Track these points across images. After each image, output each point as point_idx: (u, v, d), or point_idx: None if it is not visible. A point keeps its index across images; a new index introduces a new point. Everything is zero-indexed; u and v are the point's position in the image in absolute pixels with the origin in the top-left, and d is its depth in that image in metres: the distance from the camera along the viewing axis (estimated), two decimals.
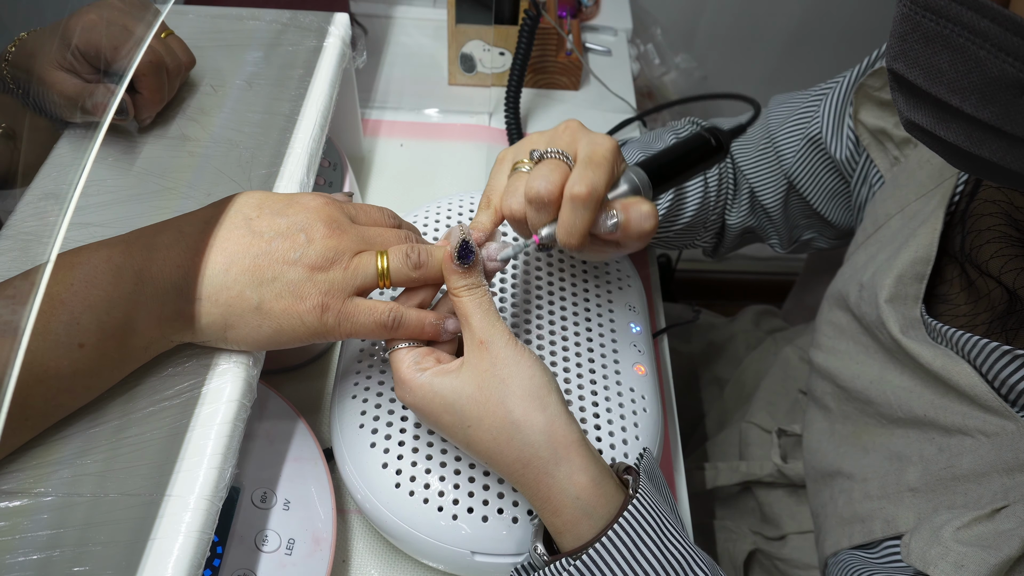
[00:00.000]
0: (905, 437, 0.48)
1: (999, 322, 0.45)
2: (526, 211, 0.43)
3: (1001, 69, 0.30)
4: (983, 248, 0.47)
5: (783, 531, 0.69)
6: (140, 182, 0.50)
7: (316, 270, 0.39)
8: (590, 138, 0.44)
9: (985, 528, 0.39)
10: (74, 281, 0.35)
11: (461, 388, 0.39)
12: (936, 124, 0.35)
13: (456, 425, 0.39)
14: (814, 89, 0.64)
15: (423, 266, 0.42)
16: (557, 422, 0.38)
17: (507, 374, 0.38)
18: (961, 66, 0.32)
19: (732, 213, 0.68)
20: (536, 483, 0.38)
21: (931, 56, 0.33)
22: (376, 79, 0.89)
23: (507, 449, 0.38)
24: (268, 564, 0.45)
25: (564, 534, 0.38)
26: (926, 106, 0.35)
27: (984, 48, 0.30)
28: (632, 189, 0.45)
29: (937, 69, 0.33)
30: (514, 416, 0.38)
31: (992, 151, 0.34)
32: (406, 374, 0.40)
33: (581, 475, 0.37)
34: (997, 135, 0.33)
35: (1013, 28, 0.29)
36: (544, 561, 0.39)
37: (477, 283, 0.40)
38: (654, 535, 0.37)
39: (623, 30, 0.97)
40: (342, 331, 0.40)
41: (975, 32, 0.30)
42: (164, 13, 0.47)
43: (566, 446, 0.38)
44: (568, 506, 0.37)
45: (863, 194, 0.61)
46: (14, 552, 0.34)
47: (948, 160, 0.38)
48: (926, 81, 0.33)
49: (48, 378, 0.35)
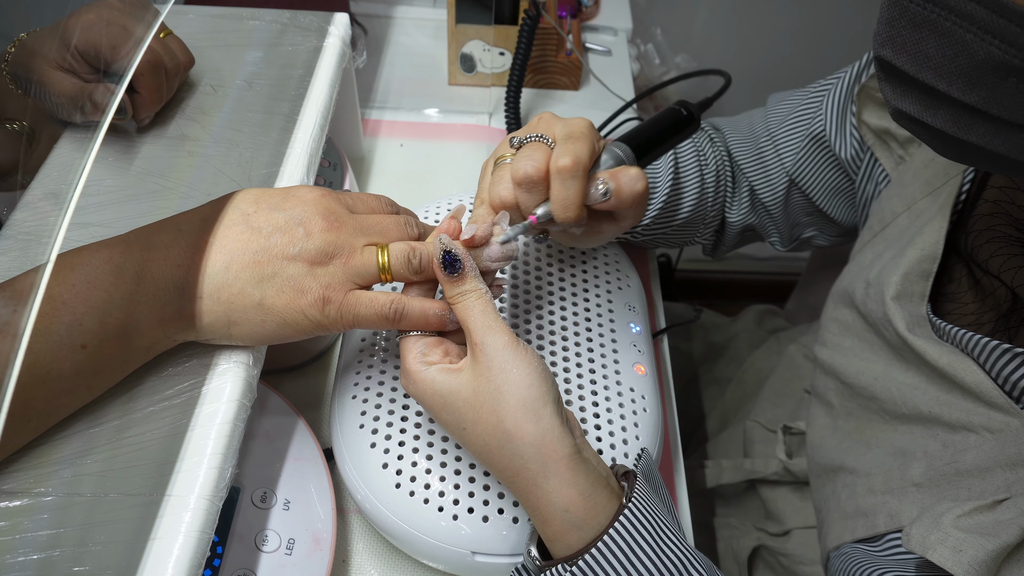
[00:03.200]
0: (909, 433, 0.48)
1: (1003, 321, 0.46)
2: (516, 196, 0.44)
3: (987, 51, 0.31)
4: (984, 247, 0.47)
5: (787, 527, 0.69)
6: (140, 182, 0.50)
7: (316, 264, 0.39)
8: (565, 121, 0.45)
9: (985, 517, 0.39)
10: (76, 282, 0.35)
11: (459, 390, 0.39)
12: (923, 111, 0.36)
13: (452, 424, 0.39)
14: (813, 86, 0.64)
15: (424, 271, 0.42)
16: (549, 435, 0.37)
17: (502, 381, 0.38)
18: (948, 50, 0.33)
19: (732, 211, 0.69)
20: (526, 492, 0.38)
21: (918, 41, 0.33)
22: (376, 79, 0.89)
23: (497, 456, 0.38)
24: (268, 564, 0.45)
25: (554, 543, 0.38)
26: (914, 93, 0.36)
27: (970, 31, 0.31)
28: (617, 162, 0.46)
29: (924, 54, 0.34)
30: (505, 426, 0.37)
31: (979, 135, 0.35)
32: (411, 365, 0.40)
33: (570, 489, 0.37)
34: (984, 119, 0.34)
35: (998, 9, 0.30)
36: (537, 566, 0.39)
37: (472, 288, 0.40)
38: (650, 539, 0.37)
39: (623, 30, 0.97)
40: (344, 323, 0.40)
41: (961, 15, 0.31)
42: (164, 14, 0.47)
43: (556, 460, 0.37)
44: (557, 518, 0.37)
45: (868, 191, 0.61)
46: (14, 552, 0.34)
47: (935, 148, 0.39)
48: (913, 66, 0.34)
49: (50, 379, 0.35)
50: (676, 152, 0.64)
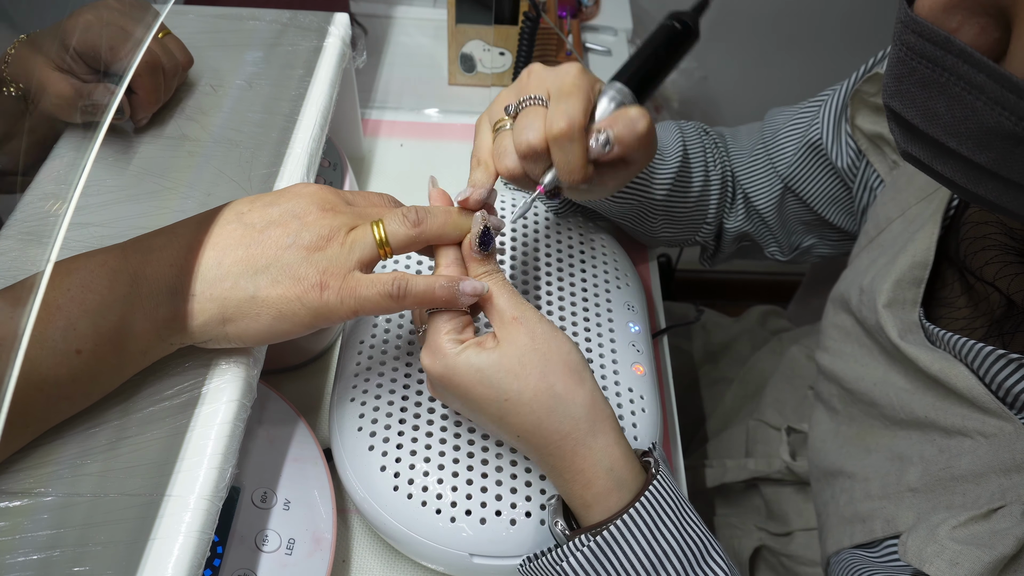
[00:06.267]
0: (907, 438, 0.48)
1: (996, 326, 0.46)
2: (523, 166, 0.43)
3: (997, 121, 0.30)
4: (978, 255, 0.47)
5: (789, 527, 0.69)
6: (140, 182, 0.50)
7: (312, 250, 0.39)
8: (555, 73, 0.44)
9: (981, 527, 0.39)
10: (71, 286, 0.35)
11: (501, 362, 0.39)
12: (933, 159, 0.35)
13: (490, 399, 0.39)
14: (810, 100, 0.64)
15: (422, 223, 0.41)
16: (596, 395, 0.40)
17: (547, 348, 0.39)
18: (958, 112, 0.31)
19: (728, 217, 0.68)
20: (572, 455, 0.39)
21: (927, 100, 0.32)
22: (376, 79, 0.89)
23: (547, 421, 0.39)
24: (268, 564, 0.45)
25: (592, 507, 0.39)
26: (923, 142, 0.35)
27: (980, 99, 0.30)
28: (617, 105, 0.44)
29: (934, 112, 0.32)
30: (556, 389, 0.39)
31: (988, 190, 0.34)
32: (442, 343, 0.40)
33: (616, 448, 0.39)
34: (993, 177, 0.33)
35: (1008, 86, 0.29)
36: (566, 536, 0.40)
37: (496, 267, 0.42)
38: (675, 515, 0.39)
39: (623, 30, 0.97)
40: (346, 308, 0.39)
41: (971, 84, 0.30)
42: (163, 14, 0.47)
43: (603, 419, 0.39)
44: (601, 477, 0.39)
45: (865, 199, 0.61)
46: (14, 552, 0.34)
47: (946, 187, 0.38)
48: (923, 122, 0.33)
49: (47, 385, 0.34)
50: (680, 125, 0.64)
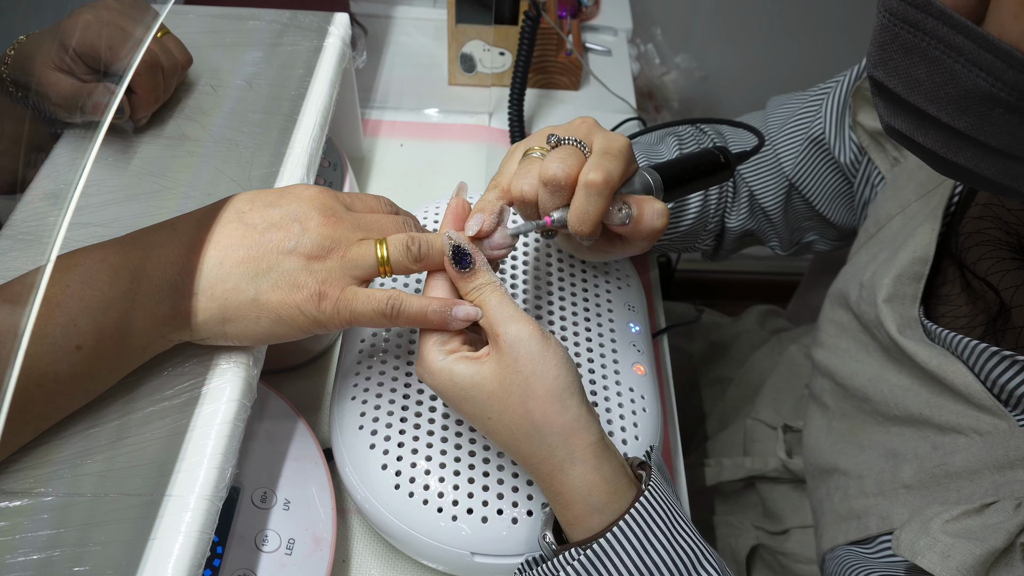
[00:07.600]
0: (901, 435, 0.48)
1: (992, 324, 0.46)
2: (539, 193, 0.43)
3: (975, 83, 0.31)
4: (973, 250, 0.48)
5: (785, 525, 0.70)
6: (140, 182, 0.50)
7: (312, 259, 0.39)
8: (606, 133, 0.45)
9: (973, 521, 0.40)
10: (70, 283, 0.35)
11: (482, 382, 0.39)
12: (914, 130, 0.36)
13: (475, 414, 0.39)
14: (813, 90, 0.64)
15: (424, 258, 0.41)
16: (576, 424, 0.38)
17: (530, 372, 0.38)
18: (938, 77, 0.33)
19: (731, 216, 0.68)
20: (550, 478, 0.39)
21: (909, 66, 0.34)
22: (376, 79, 0.89)
23: (524, 445, 0.38)
24: (268, 564, 0.45)
25: (574, 527, 0.39)
26: (905, 113, 0.36)
27: (959, 62, 0.32)
28: (645, 188, 0.45)
29: (915, 79, 0.34)
30: (534, 417, 0.38)
31: (967, 158, 0.35)
32: (428, 353, 0.40)
33: (594, 474, 0.38)
34: (972, 143, 0.34)
35: (985, 45, 0.30)
36: (553, 551, 0.39)
37: (486, 281, 0.40)
38: (664, 528, 0.38)
39: (623, 30, 0.97)
40: (341, 320, 0.39)
41: (950, 46, 0.32)
42: (163, 14, 0.47)
43: (582, 448, 0.38)
44: (579, 502, 0.38)
45: (866, 194, 0.61)
46: (14, 552, 0.34)
47: (927, 163, 0.39)
48: (904, 90, 0.34)
49: (47, 382, 0.34)
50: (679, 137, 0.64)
